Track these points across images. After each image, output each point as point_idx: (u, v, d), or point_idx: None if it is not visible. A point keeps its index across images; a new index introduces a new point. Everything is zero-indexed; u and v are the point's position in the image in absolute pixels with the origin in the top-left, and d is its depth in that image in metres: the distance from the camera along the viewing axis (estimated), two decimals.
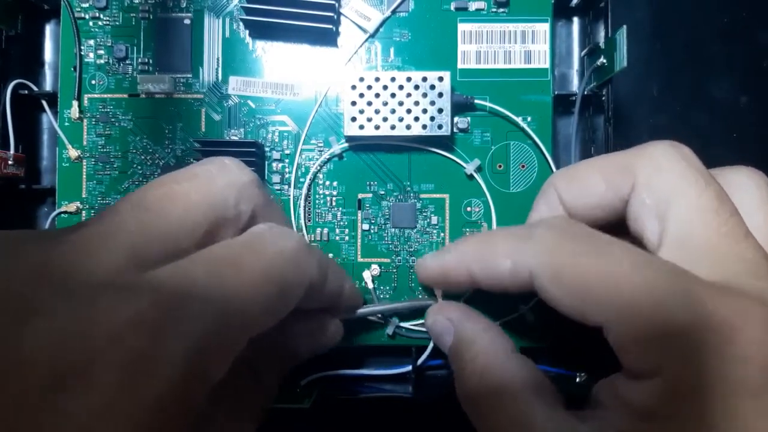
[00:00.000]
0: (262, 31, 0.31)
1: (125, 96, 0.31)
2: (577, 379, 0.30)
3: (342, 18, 0.31)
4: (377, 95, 0.29)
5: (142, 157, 0.31)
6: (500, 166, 0.31)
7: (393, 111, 0.29)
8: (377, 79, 0.29)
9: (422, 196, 0.31)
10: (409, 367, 0.30)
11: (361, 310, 0.27)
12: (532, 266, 0.18)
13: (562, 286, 0.18)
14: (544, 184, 0.23)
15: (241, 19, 0.30)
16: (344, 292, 0.24)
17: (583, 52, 0.32)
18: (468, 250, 0.22)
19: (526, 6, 0.31)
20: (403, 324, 0.30)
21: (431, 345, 0.30)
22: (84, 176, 0.31)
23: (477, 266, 0.21)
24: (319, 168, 0.31)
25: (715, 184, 0.17)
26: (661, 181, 0.17)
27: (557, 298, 0.18)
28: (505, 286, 0.20)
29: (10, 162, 0.31)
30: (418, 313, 0.29)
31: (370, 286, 0.30)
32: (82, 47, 0.31)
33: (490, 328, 0.23)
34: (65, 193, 0.31)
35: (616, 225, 0.20)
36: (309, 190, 0.31)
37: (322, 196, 0.31)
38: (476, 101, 0.30)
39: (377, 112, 0.29)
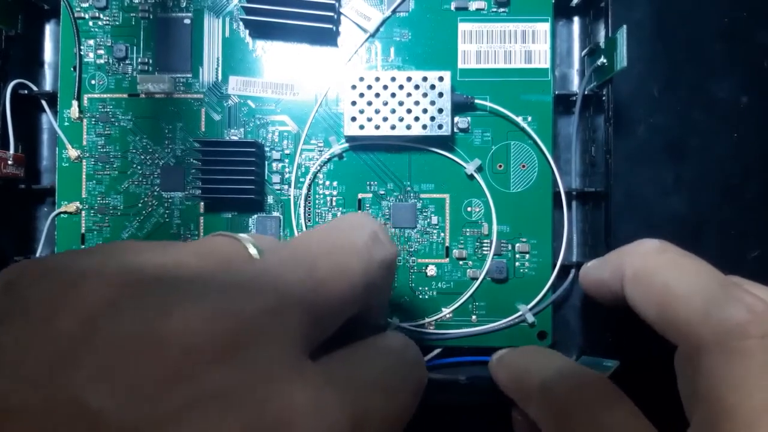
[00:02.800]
0: (262, 31, 0.31)
1: (125, 96, 0.31)
2: None
3: (342, 18, 0.31)
4: (377, 95, 0.29)
5: (142, 157, 0.31)
6: (500, 166, 0.31)
7: (393, 111, 0.29)
8: (377, 79, 0.29)
9: (422, 196, 0.31)
10: None
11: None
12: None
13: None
14: (625, 254, 0.24)
15: (241, 19, 0.30)
16: None
17: (583, 52, 0.32)
18: (512, 372, 0.25)
19: (526, 6, 0.31)
20: (403, 324, 0.30)
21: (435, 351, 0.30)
22: (84, 176, 0.31)
23: (515, 392, 0.24)
24: (318, 168, 0.31)
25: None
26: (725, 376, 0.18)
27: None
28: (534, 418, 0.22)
29: (9, 162, 0.31)
30: None
31: None
32: (82, 47, 0.31)
33: None
34: (65, 193, 0.31)
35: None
36: (309, 190, 0.31)
37: (322, 196, 0.31)
38: (476, 101, 0.30)
39: (377, 111, 0.29)
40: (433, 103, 0.29)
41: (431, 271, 0.31)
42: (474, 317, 0.31)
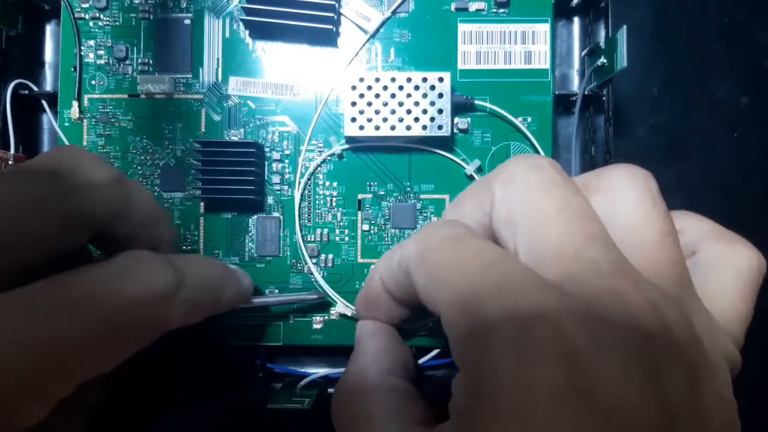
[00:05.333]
0: (262, 32, 0.31)
1: (125, 96, 0.31)
2: None
3: (342, 18, 0.31)
4: (377, 96, 0.29)
5: (142, 158, 0.31)
6: None
7: (393, 111, 0.29)
8: (377, 80, 0.29)
9: (422, 196, 0.31)
10: None
11: (255, 300, 0.27)
12: (406, 254, 0.18)
13: (423, 272, 0.17)
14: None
15: (241, 20, 0.30)
16: (229, 302, 0.23)
17: (583, 52, 0.32)
18: (379, 262, 0.22)
19: (526, 6, 0.31)
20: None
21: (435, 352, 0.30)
22: None
23: (382, 268, 0.21)
24: (315, 168, 0.31)
25: (561, 188, 0.16)
26: (513, 192, 0.17)
27: (418, 284, 0.17)
28: (402, 285, 0.20)
29: (10, 162, 0.31)
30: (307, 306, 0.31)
31: (349, 313, 0.30)
32: (82, 47, 0.31)
33: (381, 348, 0.22)
34: None
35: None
36: (306, 190, 0.31)
37: (322, 197, 0.31)
38: (476, 102, 0.30)
39: (377, 112, 0.29)
40: (432, 103, 0.29)
41: None
42: None
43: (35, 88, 0.32)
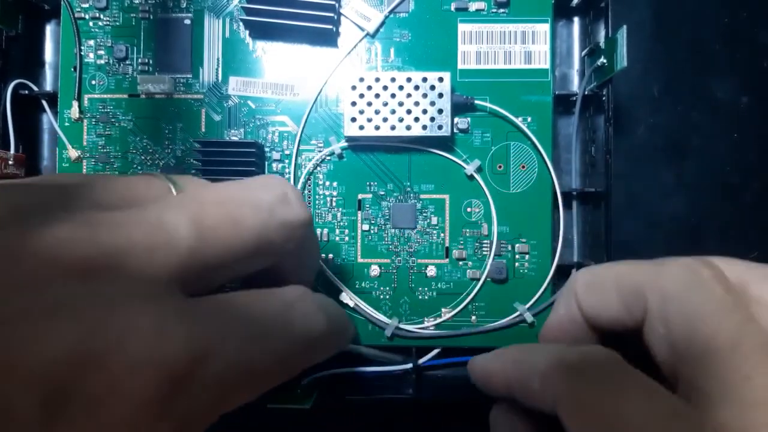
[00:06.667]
0: (262, 32, 0.31)
1: (125, 96, 0.31)
2: None
3: (342, 18, 0.31)
4: (377, 96, 0.29)
5: (142, 158, 0.31)
6: (500, 167, 0.31)
7: (393, 111, 0.29)
8: (377, 80, 0.29)
9: (422, 196, 0.31)
10: (410, 366, 0.30)
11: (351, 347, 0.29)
12: (557, 399, 0.17)
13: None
14: (566, 284, 0.22)
15: (241, 20, 0.30)
16: (341, 348, 0.24)
17: (583, 52, 0.32)
18: (510, 359, 0.21)
19: (526, 6, 0.31)
20: (403, 326, 0.30)
21: (435, 351, 0.30)
22: None
23: (514, 377, 0.20)
24: (314, 167, 0.31)
25: (739, 304, 0.15)
26: (674, 312, 0.16)
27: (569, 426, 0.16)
28: (535, 402, 0.19)
29: (10, 162, 0.31)
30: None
31: (351, 304, 0.31)
32: (82, 47, 0.31)
33: None
34: None
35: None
36: (306, 190, 0.31)
37: (322, 197, 0.31)
38: (476, 102, 0.30)
39: (377, 112, 0.29)
40: (432, 103, 0.29)
41: (431, 271, 0.31)
42: (474, 318, 0.31)
43: (35, 88, 0.32)
